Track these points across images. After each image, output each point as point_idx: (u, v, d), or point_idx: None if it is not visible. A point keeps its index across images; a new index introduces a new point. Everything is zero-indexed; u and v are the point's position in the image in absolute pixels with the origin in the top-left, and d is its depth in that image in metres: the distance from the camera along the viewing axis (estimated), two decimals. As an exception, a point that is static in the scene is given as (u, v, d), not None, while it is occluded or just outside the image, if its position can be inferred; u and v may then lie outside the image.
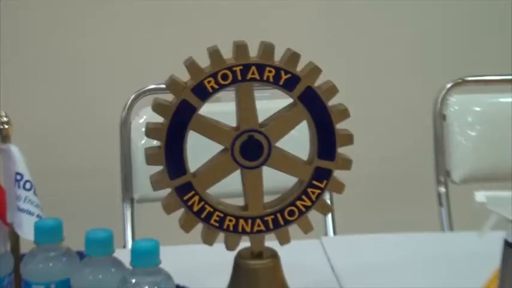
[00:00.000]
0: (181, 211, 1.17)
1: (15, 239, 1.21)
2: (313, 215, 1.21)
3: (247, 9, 2.66)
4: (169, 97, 1.15)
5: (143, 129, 1.16)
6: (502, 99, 2.05)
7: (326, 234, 1.89)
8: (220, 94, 1.19)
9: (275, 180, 1.20)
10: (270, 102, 1.21)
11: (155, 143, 1.17)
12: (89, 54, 2.69)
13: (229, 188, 1.19)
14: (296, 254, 1.25)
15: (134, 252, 1.02)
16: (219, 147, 1.17)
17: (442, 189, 1.98)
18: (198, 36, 1.20)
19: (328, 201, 1.84)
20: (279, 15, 2.67)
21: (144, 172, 1.22)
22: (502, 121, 2.02)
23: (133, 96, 1.92)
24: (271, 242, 1.21)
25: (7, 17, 2.66)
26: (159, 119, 1.14)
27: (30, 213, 1.19)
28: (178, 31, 2.45)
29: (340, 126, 1.17)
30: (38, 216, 1.18)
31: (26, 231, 1.17)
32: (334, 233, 1.89)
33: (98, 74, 2.66)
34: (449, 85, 2.01)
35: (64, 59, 2.69)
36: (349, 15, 2.78)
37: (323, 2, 2.75)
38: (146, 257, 1.02)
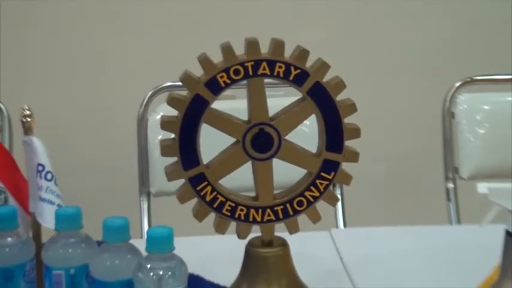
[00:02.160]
0: (194, 201, 1.17)
1: (36, 227, 1.22)
2: (324, 209, 1.21)
3: (258, 8, 2.65)
4: (184, 93, 1.15)
5: (159, 125, 1.17)
6: (510, 98, 2.05)
7: (337, 226, 1.90)
8: (234, 92, 1.22)
9: (285, 173, 1.20)
10: (283, 100, 1.21)
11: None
12: (107, 53, 2.69)
13: (240, 182, 1.20)
14: (306, 245, 1.27)
15: (149, 238, 1.04)
16: (230, 140, 1.17)
17: (451, 185, 1.99)
18: (212, 33, 1.21)
19: (338, 195, 1.87)
20: (289, 13, 2.66)
21: (160, 167, 1.23)
22: (509, 119, 2.02)
23: (150, 93, 1.94)
24: (281, 231, 1.21)
25: (31, 15, 2.68)
26: (174, 113, 1.15)
27: (51, 202, 1.19)
28: (193, 30, 2.46)
29: (347, 120, 1.17)
30: (58, 205, 1.19)
31: (47, 220, 1.18)
32: (344, 225, 1.90)
33: (116, 72, 2.66)
34: (458, 84, 2.02)
35: (84, 58, 2.70)
36: (362, 15, 2.76)
37: (330, 6, 2.73)
38: (161, 243, 1.03)
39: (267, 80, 1.16)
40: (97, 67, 2.71)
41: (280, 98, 1.24)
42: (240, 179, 1.19)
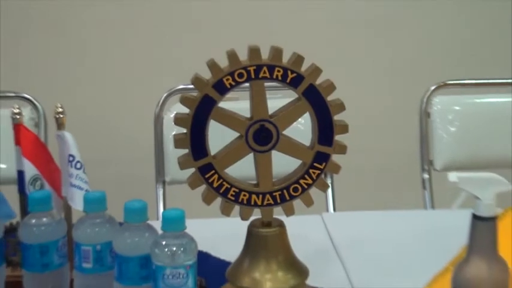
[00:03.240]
0: (203, 187, 1.17)
1: (68, 209, 1.24)
2: (316, 195, 1.21)
3: (260, 17, 2.65)
4: (194, 94, 1.14)
5: (173, 121, 1.16)
6: (477, 100, 2.07)
7: (327, 210, 1.90)
8: (238, 94, 1.21)
9: (282, 164, 1.21)
10: (281, 100, 1.22)
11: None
12: (130, 59, 2.69)
13: (243, 171, 1.19)
14: (300, 227, 1.26)
15: (164, 219, 1.04)
16: (235, 134, 1.17)
17: (426, 176, 2.00)
18: (219, 41, 1.21)
19: (329, 182, 1.87)
20: (286, 23, 2.64)
21: (173, 159, 1.23)
22: (477, 119, 2.04)
23: (165, 95, 1.95)
24: (278, 214, 1.20)
25: (60, 24, 2.69)
26: (186, 111, 1.14)
27: (80, 188, 1.20)
28: (202, 39, 2.46)
29: (337, 117, 1.17)
30: (86, 191, 1.20)
31: (77, 203, 1.19)
32: (334, 210, 1.90)
33: (137, 76, 2.66)
34: (433, 87, 2.03)
35: (109, 63, 2.70)
36: (349, 24, 2.74)
37: (325, 12, 2.72)
38: (174, 223, 1.04)
39: (267, 83, 1.15)
40: (120, 71, 2.71)
41: (279, 100, 1.24)
42: (243, 169, 1.19)
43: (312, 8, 2.71)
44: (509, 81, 2.12)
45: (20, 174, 1.25)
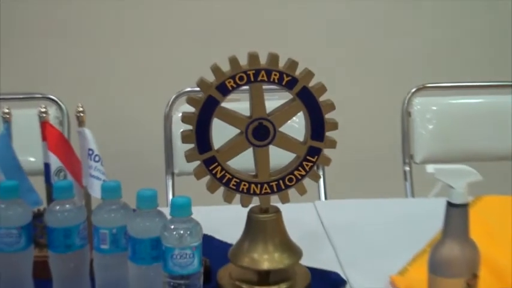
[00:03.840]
0: (207, 178, 1.17)
1: (87, 197, 1.24)
2: (309, 184, 1.21)
3: (259, 26, 2.65)
4: (199, 95, 1.14)
5: (181, 119, 1.17)
6: (452, 101, 2.07)
7: (319, 199, 1.90)
8: (239, 96, 1.20)
9: (278, 157, 1.21)
10: (278, 100, 1.21)
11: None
12: (143, 65, 2.69)
13: (243, 164, 1.20)
14: (295, 213, 1.26)
15: (173, 205, 1.05)
16: (236, 131, 1.18)
17: (407, 168, 2.01)
18: (222, 48, 1.22)
19: (321, 173, 1.86)
20: (283, 29, 2.64)
21: (181, 153, 1.22)
22: (452, 118, 2.05)
23: (174, 97, 1.95)
24: (275, 202, 1.21)
25: (85, 27, 2.68)
26: (192, 110, 1.15)
27: (98, 178, 1.21)
28: (208, 46, 2.45)
29: (328, 116, 1.17)
30: (103, 181, 1.20)
31: (95, 191, 1.20)
32: (325, 198, 1.91)
33: (148, 80, 2.66)
34: (413, 90, 2.03)
35: (124, 68, 2.70)
36: (339, 31, 2.73)
37: (313, 16, 2.70)
38: (181, 209, 1.04)
39: (264, 86, 1.16)
40: (135, 76, 2.70)
41: (276, 101, 1.24)
42: (243, 161, 1.19)
43: (302, 15, 2.70)
44: (480, 84, 2.13)
45: (46, 166, 1.26)
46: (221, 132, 1.19)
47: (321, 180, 1.91)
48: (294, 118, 1.19)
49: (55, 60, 2.68)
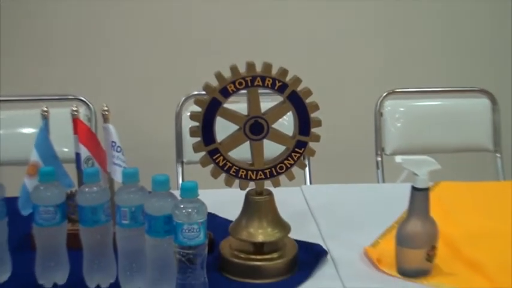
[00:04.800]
0: (211, 166, 1.18)
1: (111, 181, 1.25)
2: (296, 172, 1.21)
3: (256, 39, 2.64)
4: (205, 97, 1.15)
5: (189, 117, 1.17)
6: (417, 103, 2.08)
7: (305, 183, 1.90)
8: (238, 98, 1.19)
9: (271, 149, 1.21)
10: (270, 103, 1.20)
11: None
12: (157, 71, 2.68)
13: (242, 154, 1.20)
14: (285, 195, 1.26)
15: (182, 188, 1.04)
16: (235, 127, 1.18)
17: (379, 159, 2.01)
18: (224, 58, 1.21)
19: (306, 163, 1.87)
20: (275, 42, 2.64)
21: (189, 146, 1.21)
22: (417, 117, 2.05)
23: (183, 99, 1.95)
24: (268, 186, 1.21)
25: (108, 36, 2.67)
26: (198, 109, 1.15)
27: (120, 166, 1.21)
28: (212, 56, 2.44)
29: (313, 115, 1.17)
30: (124, 168, 1.20)
31: (117, 177, 1.20)
32: (310, 183, 1.91)
33: (163, 84, 2.65)
34: (385, 94, 2.04)
35: (141, 73, 2.69)
36: (322, 38, 2.71)
37: (297, 25, 2.69)
38: (190, 191, 1.04)
39: (260, 90, 1.16)
40: (151, 81, 2.69)
41: (269, 103, 1.24)
42: (241, 152, 1.19)
43: (285, 28, 2.68)
44: (439, 89, 2.14)
45: (77, 155, 1.26)
46: (223, 128, 1.19)
47: (307, 168, 1.91)
48: (284, 117, 1.20)
49: (85, 68, 2.67)
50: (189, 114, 1.18)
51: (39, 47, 2.65)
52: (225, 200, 1.26)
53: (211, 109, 1.15)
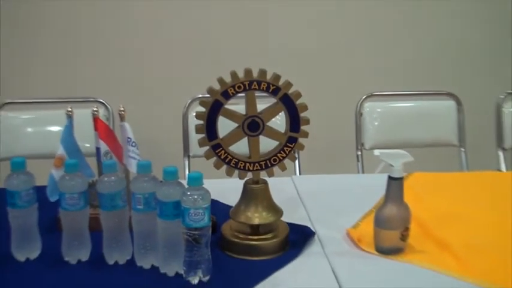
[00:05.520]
0: (214, 159, 1.18)
1: (127, 171, 1.24)
2: (287, 163, 1.21)
3: (252, 48, 2.63)
4: (209, 99, 1.14)
5: (195, 116, 1.16)
6: (392, 105, 2.07)
7: (295, 174, 1.89)
8: (238, 100, 1.18)
9: (266, 144, 1.20)
10: (265, 104, 1.20)
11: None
12: (168, 77, 2.67)
13: (240, 148, 1.19)
14: (278, 184, 1.26)
15: (189, 178, 1.04)
16: (235, 125, 1.18)
17: (359, 152, 2.01)
18: (226, 65, 1.21)
19: (296, 156, 1.86)
20: (270, 50, 2.63)
21: (195, 141, 1.21)
22: (392, 116, 2.04)
23: (189, 101, 1.94)
24: (263, 176, 1.21)
25: (123, 44, 2.66)
26: (203, 110, 1.15)
27: (134, 158, 1.21)
28: (215, 63, 2.44)
29: (302, 114, 1.17)
30: (138, 160, 1.20)
31: (132, 168, 1.20)
32: (300, 173, 1.90)
33: (172, 89, 2.64)
34: (364, 97, 2.03)
35: (155, 80, 2.68)
36: (311, 48, 2.68)
37: (289, 36, 2.68)
38: (195, 180, 1.04)
39: (256, 93, 1.16)
40: (162, 86, 2.68)
41: (264, 104, 1.24)
42: (240, 147, 1.19)
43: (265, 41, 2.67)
44: (411, 93, 2.13)
45: (98, 149, 1.26)
46: (224, 126, 1.18)
47: (297, 160, 1.90)
48: (277, 116, 1.19)
49: (104, 74, 2.66)
50: (194, 114, 1.18)
51: (65, 56, 2.64)
52: (226, 188, 1.26)
53: (214, 109, 1.14)
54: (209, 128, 1.15)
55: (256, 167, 1.19)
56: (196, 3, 2.63)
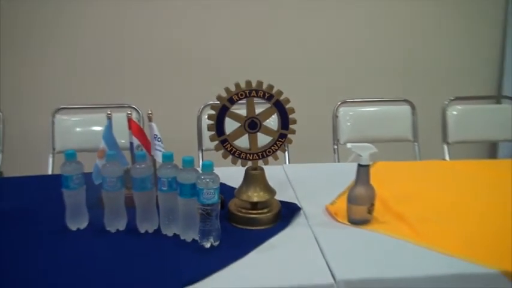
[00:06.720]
0: (222, 151, 1.17)
1: (153, 161, 1.23)
2: (279, 154, 1.20)
3: (253, 65, 2.59)
4: (218, 105, 1.13)
5: (207, 118, 1.16)
6: (362, 109, 2.04)
7: (285, 163, 1.89)
8: (240, 106, 1.18)
9: (262, 139, 1.20)
10: (262, 108, 1.19)
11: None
12: (185, 86, 2.65)
13: (243, 143, 1.18)
14: (272, 171, 1.25)
15: (203, 166, 1.04)
16: (238, 124, 1.17)
17: (335, 146, 1.99)
18: (231, 78, 1.21)
19: (286, 148, 1.84)
20: (266, 65, 2.58)
21: (207, 137, 1.18)
22: (361, 118, 2.02)
23: (202, 106, 1.93)
24: (260, 164, 1.21)
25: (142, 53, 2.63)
26: (213, 112, 1.14)
27: (160, 151, 1.20)
28: (221, 76, 2.43)
29: (291, 116, 1.17)
30: (163, 152, 1.18)
31: (158, 158, 1.19)
32: (289, 162, 1.89)
33: (190, 96, 2.60)
34: (339, 103, 2.01)
35: (175, 90, 2.66)
36: (297, 62, 2.63)
37: (286, 54, 2.64)
38: (207, 167, 1.04)
39: (255, 100, 1.15)
40: (181, 93, 2.66)
41: (261, 108, 1.23)
42: (243, 141, 1.19)
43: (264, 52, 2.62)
44: (378, 100, 2.10)
45: (131, 144, 1.25)
46: (230, 125, 1.18)
47: (286, 152, 1.90)
48: (271, 117, 1.19)
49: (136, 85, 2.64)
50: (206, 116, 1.17)
51: (106, 70, 2.62)
52: (231, 174, 1.25)
53: (222, 112, 1.14)
54: (218, 126, 1.15)
55: (255, 157, 1.19)
56: (214, 30, 2.59)
